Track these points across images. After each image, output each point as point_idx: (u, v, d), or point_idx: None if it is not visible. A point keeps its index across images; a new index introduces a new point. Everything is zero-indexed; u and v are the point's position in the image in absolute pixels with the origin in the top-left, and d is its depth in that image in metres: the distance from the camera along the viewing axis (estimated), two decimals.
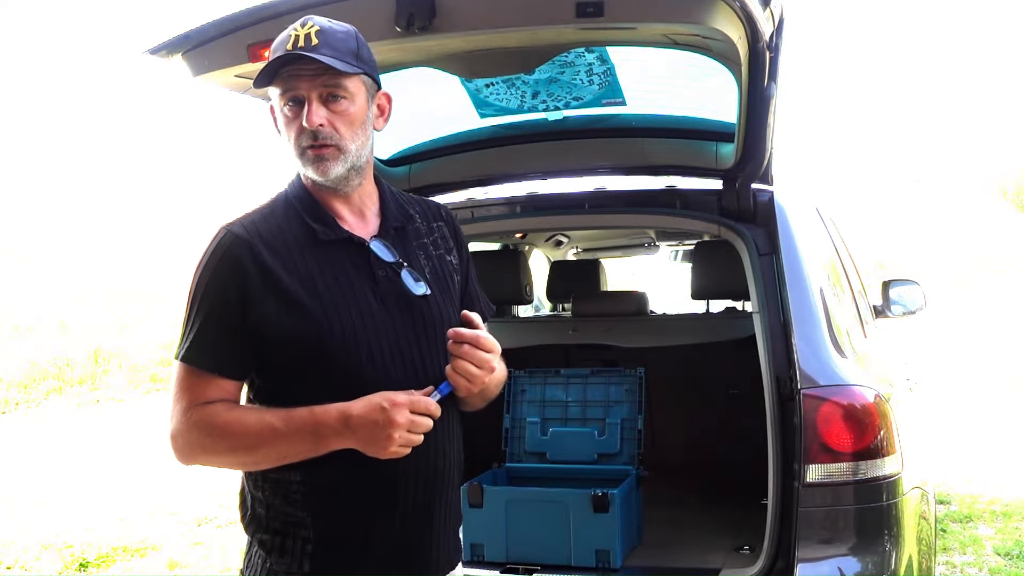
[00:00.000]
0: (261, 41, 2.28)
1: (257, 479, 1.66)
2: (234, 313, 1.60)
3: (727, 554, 2.86)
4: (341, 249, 1.67)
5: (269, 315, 1.59)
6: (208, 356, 1.61)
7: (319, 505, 1.62)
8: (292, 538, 1.63)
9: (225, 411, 1.60)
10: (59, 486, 6.44)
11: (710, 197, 3.17)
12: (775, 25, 2.28)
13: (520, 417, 3.37)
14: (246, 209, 1.71)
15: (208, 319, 1.61)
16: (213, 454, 1.62)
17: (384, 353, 1.64)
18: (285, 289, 1.61)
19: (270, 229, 1.65)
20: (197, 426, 1.59)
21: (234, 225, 1.66)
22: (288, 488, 1.63)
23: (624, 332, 3.77)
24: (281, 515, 1.64)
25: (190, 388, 1.61)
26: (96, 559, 4.90)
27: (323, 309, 1.61)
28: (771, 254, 2.77)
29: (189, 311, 1.64)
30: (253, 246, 1.62)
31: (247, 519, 1.70)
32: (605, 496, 2.72)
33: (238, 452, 1.61)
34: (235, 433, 1.58)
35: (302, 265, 1.63)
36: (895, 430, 2.43)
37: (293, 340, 1.60)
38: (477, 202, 3.63)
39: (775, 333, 2.58)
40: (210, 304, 1.62)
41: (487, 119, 3.24)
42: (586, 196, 3.56)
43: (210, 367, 1.61)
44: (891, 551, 2.36)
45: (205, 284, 1.63)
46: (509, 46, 2.50)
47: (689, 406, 3.94)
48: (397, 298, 1.68)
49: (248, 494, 1.70)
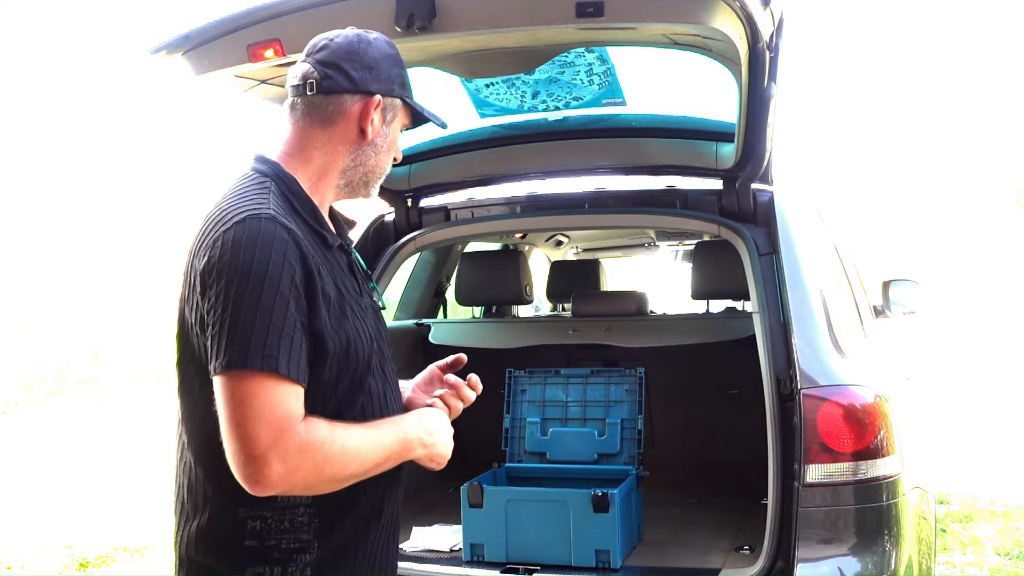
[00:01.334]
0: (261, 41, 2.29)
1: (252, 510, 1.50)
2: (304, 314, 1.45)
3: (727, 554, 2.86)
4: (339, 255, 1.64)
5: (325, 321, 1.48)
6: (297, 364, 1.41)
7: (324, 526, 1.55)
8: (294, 564, 1.52)
9: (331, 427, 1.45)
10: (59, 486, 6.44)
11: (710, 197, 3.17)
12: (775, 25, 2.28)
13: (520, 417, 3.37)
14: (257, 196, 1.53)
15: (290, 321, 1.42)
16: (322, 474, 1.44)
17: (382, 364, 1.65)
18: (330, 295, 1.51)
19: (293, 224, 1.52)
20: (308, 446, 1.41)
21: (277, 216, 1.48)
22: (295, 512, 1.52)
23: (624, 332, 3.77)
24: (284, 541, 1.52)
25: (286, 402, 1.40)
26: (96, 559, 4.90)
27: (350, 319, 1.55)
28: (771, 254, 2.77)
29: (260, 310, 1.39)
30: (300, 242, 1.48)
31: (231, 554, 1.53)
32: (605, 496, 2.72)
33: (349, 468, 1.47)
34: (347, 449, 1.46)
35: (326, 270, 1.54)
36: (895, 430, 2.43)
37: (339, 351, 1.51)
38: (477, 202, 3.63)
39: (775, 333, 2.58)
40: (288, 303, 1.42)
41: (487, 119, 3.24)
42: (586, 196, 3.57)
43: (301, 378, 1.42)
44: (891, 551, 2.36)
45: (277, 279, 1.41)
46: (509, 46, 2.51)
47: (689, 406, 3.94)
48: (375, 307, 1.71)
49: (229, 530, 1.52)
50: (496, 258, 4.43)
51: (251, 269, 1.41)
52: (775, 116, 2.63)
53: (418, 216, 3.54)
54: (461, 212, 3.58)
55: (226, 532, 1.52)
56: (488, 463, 3.19)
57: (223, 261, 1.42)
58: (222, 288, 1.41)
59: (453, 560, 2.88)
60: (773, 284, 2.70)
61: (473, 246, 4.58)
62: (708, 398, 3.89)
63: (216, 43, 2.33)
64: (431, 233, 3.42)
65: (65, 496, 6.14)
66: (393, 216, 3.57)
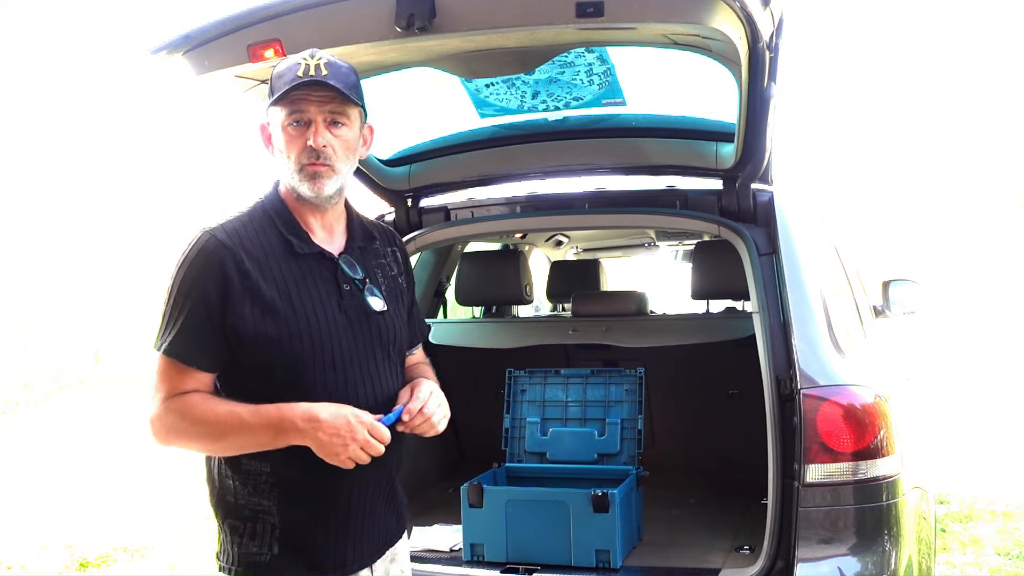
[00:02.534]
0: (261, 41, 2.29)
1: (227, 468, 1.82)
2: (214, 312, 1.74)
3: (727, 554, 2.86)
4: (313, 262, 1.85)
5: (246, 317, 1.75)
6: (188, 350, 1.76)
7: (283, 496, 1.80)
8: (261, 523, 1.80)
9: (200, 401, 1.76)
10: (59, 486, 6.44)
11: (710, 197, 3.17)
12: (775, 25, 2.28)
13: (520, 417, 3.37)
14: (226, 215, 1.85)
15: (190, 316, 1.75)
16: (186, 438, 1.77)
17: (345, 361, 1.82)
18: (262, 295, 1.76)
19: (249, 236, 1.80)
20: (174, 412, 1.75)
21: (217, 230, 1.79)
22: (258, 479, 1.80)
23: (624, 332, 3.76)
24: (251, 503, 1.81)
25: (170, 378, 1.77)
26: (96, 559, 4.90)
27: (295, 316, 1.78)
28: (771, 254, 2.77)
29: (170, 306, 1.77)
30: (235, 252, 1.76)
31: (215, 503, 1.87)
32: (605, 496, 2.73)
33: (207, 438, 1.77)
34: (207, 421, 1.74)
35: (278, 274, 1.80)
36: (895, 430, 2.43)
37: (266, 342, 1.76)
38: (477, 202, 3.63)
39: (775, 333, 2.58)
40: (193, 302, 1.75)
41: (487, 119, 3.24)
42: (586, 196, 3.57)
43: (189, 360, 1.76)
44: (891, 551, 2.36)
45: (189, 282, 1.76)
46: (509, 46, 2.50)
47: (689, 406, 3.94)
48: (358, 311, 1.86)
49: (217, 481, 1.86)
50: (496, 258, 4.42)
51: (175, 275, 1.78)
52: (775, 116, 2.63)
53: (418, 216, 3.54)
54: (461, 212, 3.58)
55: (217, 485, 1.86)
56: (488, 463, 3.20)
57: (172, 267, 1.80)
58: (166, 288, 1.80)
59: (453, 560, 2.88)
60: (773, 284, 2.70)
61: (473, 246, 4.58)
62: (708, 398, 3.89)
63: (216, 43, 2.34)
64: (431, 233, 3.42)
65: (65, 496, 6.14)
66: (393, 216, 3.57)
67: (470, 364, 3.84)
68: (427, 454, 3.88)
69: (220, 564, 1.87)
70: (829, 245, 3.34)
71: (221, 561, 1.87)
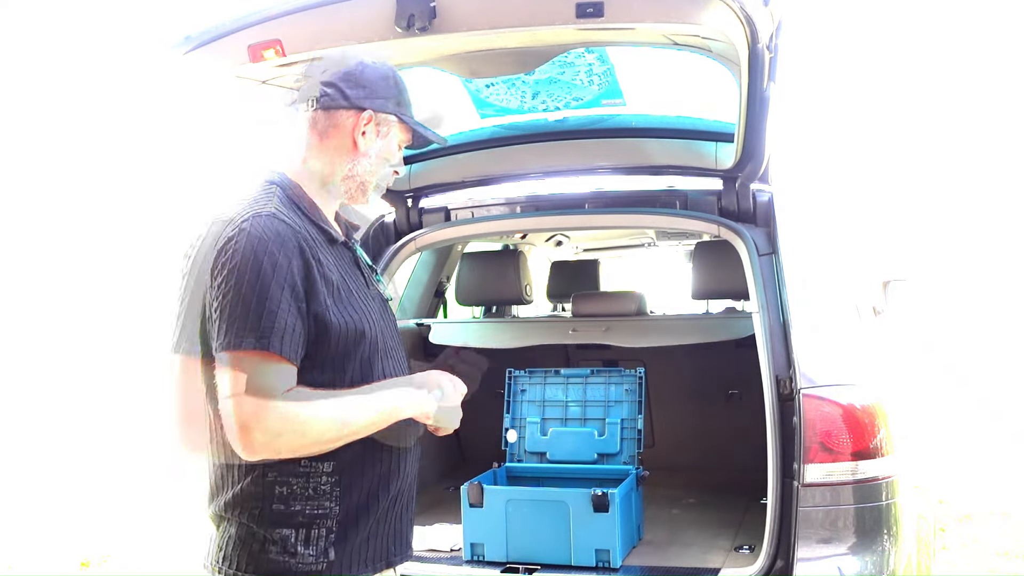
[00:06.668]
0: (261, 41, 2.29)
1: (280, 475, 1.68)
2: (301, 300, 1.62)
3: (727, 554, 2.86)
4: (342, 250, 1.83)
5: (328, 305, 1.66)
6: (289, 343, 1.59)
7: (344, 493, 1.72)
8: (317, 528, 1.70)
9: (310, 396, 1.61)
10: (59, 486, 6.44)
11: (710, 197, 3.18)
12: (775, 25, 2.29)
13: (520, 417, 3.37)
14: (262, 199, 1.72)
15: (284, 305, 1.59)
16: (300, 439, 1.60)
17: (388, 348, 1.81)
18: (333, 281, 1.70)
19: (298, 222, 1.72)
20: (289, 413, 1.58)
21: (277, 213, 1.67)
22: (319, 480, 1.70)
23: (624, 332, 3.76)
24: (308, 507, 1.69)
25: (272, 376, 1.58)
26: (96, 559, 4.90)
27: (358, 305, 1.75)
28: (771, 254, 2.78)
29: (257, 296, 1.58)
30: (301, 235, 1.67)
31: (259, 518, 1.69)
32: (605, 496, 2.73)
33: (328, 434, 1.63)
34: (330, 416, 1.62)
35: (329, 261, 1.73)
36: (894, 430, 2.43)
37: (344, 331, 1.68)
38: (477, 202, 3.63)
39: (775, 333, 2.58)
40: (283, 290, 1.59)
41: (487, 119, 3.24)
42: (586, 196, 3.57)
43: (291, 355, 1.60)
44: (890, 550, 2.36)
45: (274, 268, 1.59)
46: (509, 46, 2.51)
47: (689, 406, 3.94)
48: (380, 298, 1.88)
49: (260, 491, 1.69)
50: (496, 258, 4.43)
51: (250, 261, 1.59)
52: (775, 116, 2.63)
53: (418, 216, 3.54)
54: (461, 212, 3.58)
55: (257, 496, 1.69)
56: (488, 463, 3.20)
57: (229, 256, 1.61)
58: (229, 279, 1.60)
59: (453, 560, 2.88)
60: (773, 284, 2.70)
61: (473, 246, 4.58)
62: (708, 398, 3.89)
63: (216, 43, 2.34)
64: (431, 233, 3.43)
65: (65, 496, 6.14)
66: (393, 216, 3.57)
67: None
68: (427, 454, 3.86)
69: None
70: (829, 245, 3.34)
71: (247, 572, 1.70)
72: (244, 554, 1.71)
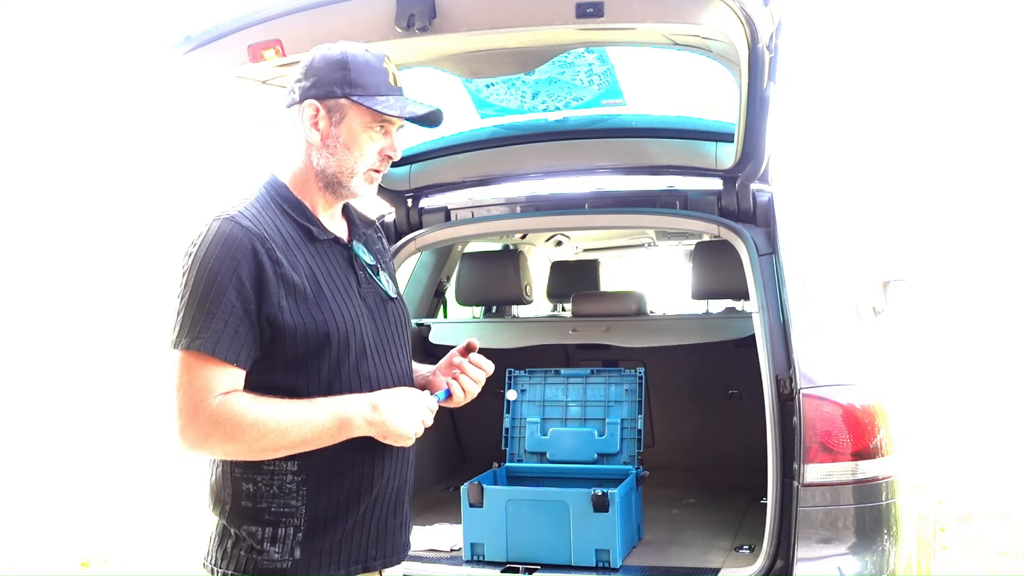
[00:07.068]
0: (261, 41, 2.29)
1: (246, 472, 1.72)
2: (250, 303, 1.64)
3: (727, 554, 2.86)
4: (329, 248, 1.81)
5: (283, 307, 1.66)
6: (226, 346, 1.62)
7: (312, 494, 1.72)
8: (284, 527, 1.71)
9: (250, 400, 1.63)
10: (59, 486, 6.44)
11: (710, 197, 3.18)
12: (775, 25, 2.29)
13: (520, 417, 3.37)
14: (238, 202, 1.76)
15: (224, 307, 1.62)
16: (235, 442, 1.62)
17: (371, 348, 1.78)
18: (294, 283, 1.68)
19: (268, 223, 1.72)
20: (222, 415, 1.61)
21: (238, 217, 1.69)
22: (284, 479, 1.71)
23: (624, 332, 3.77)
24: (274, 505, 1.71)
25: (204, 378, 1.62)
26: (96, 559, 4.90)
27: (327, 305, 1.72)
28: (771, 254, 2.78)
29: (196, 298, 1.63)
30: (263, 238, 1.67)
31: (229, 514, 1.74)
32: (605, 496, 2.73)
33: (266, 440, 1.63)
34: (266, 421, 1.62)
35: (302, 261, 1.72)
36: (894, 430, 2.43)
37: (304, 333, 1.68)
38: (477, 202, 3.63)
39: (775, 333, 2.58)
40: (225, 292, 1.62)
41: (487, 119, 3.24)
42: (586, 196, 3.57)
43: (229, 357, 1.63)
44: (890, 550, 2.36)
45: (219, 271, 1.63)
46: (509, 46, 2.51)
47: (689, 406, 3.94)
48: (375, 297, 1.84)
49: (229, 487, 1.74)
50: (496, 258, 4.43)
51: (199, 264, 1.65)
52: (775, 116, 2.63)
53: (418, 216, 3.54)
54: (461, 212, 3.58)
55: (227, 491, 1.74)
56: (488, 463, 3.20)
57: (188, 257, 1.68)
58: (182, 280, 1.67)
59: (453, 560, 2.88)
60: (773, 284, 2.70)
61: (473, 246, 4.58)
62: (708, 398, 3.89)
63: (216, 43, 2.34)
64: (431, 233, 3.43)
65: (65, 496, 6.14)
66: (393, 216, 3.57)
67: None
68: (427, 454, 3.88)
69: (221, 572, 1.75)
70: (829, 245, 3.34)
71: (223, 568, 1.75)
72: (220, 550, 1.77)
